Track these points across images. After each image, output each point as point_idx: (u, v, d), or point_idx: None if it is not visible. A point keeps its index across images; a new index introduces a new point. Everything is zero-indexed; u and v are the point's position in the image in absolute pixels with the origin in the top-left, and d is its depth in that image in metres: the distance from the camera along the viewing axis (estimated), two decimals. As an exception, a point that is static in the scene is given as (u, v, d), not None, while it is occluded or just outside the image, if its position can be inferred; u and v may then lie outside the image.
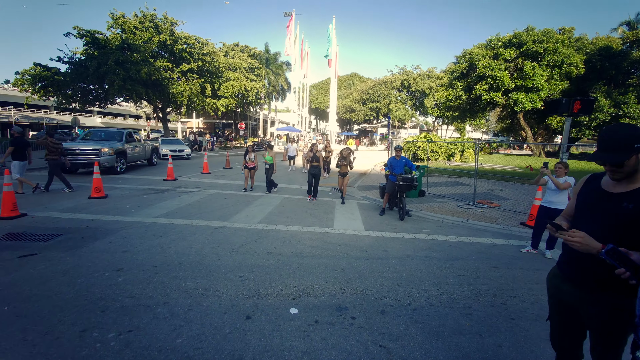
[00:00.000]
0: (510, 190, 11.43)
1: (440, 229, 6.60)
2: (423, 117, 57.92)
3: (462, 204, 8.85)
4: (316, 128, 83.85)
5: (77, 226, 5.70)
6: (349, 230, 6.16)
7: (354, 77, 76.16)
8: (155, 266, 4.09)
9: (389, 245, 5.35)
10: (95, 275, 3.80)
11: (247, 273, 4.02)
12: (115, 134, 13.64)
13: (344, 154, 8.77)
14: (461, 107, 29.32)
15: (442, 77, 45.86)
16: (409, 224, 6.87)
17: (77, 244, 4.79)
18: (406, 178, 7.06)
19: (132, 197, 8.41)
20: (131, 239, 5.11)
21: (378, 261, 4.61)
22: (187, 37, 28.71)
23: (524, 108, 24.78)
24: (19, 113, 40.97)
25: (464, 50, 27.89)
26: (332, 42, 43.47)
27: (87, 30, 22.84)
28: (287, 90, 50.42)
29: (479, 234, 6.37)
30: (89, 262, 4.18)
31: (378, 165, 20.78)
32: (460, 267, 4.55)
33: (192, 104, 29.00)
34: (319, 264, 4.43)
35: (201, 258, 4.43)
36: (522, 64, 24.65)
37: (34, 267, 3.97)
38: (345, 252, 4.98)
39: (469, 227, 6.86)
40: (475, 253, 5.20)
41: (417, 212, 8.04)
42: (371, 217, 7.47)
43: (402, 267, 4.41)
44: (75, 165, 11.55)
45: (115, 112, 59.47)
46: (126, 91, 23.98)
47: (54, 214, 6.46)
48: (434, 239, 5.82)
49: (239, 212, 7.22)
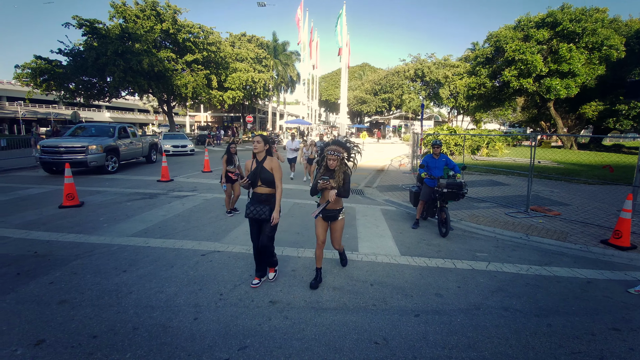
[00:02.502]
0: (563, 191, 9.64)
1: (499, 251, 4.99)
2: (437, 108, 55.39)
3: (511, 212, 7.18)
4: (326, 121, 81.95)
5: (23, 252, 4.33)
6: (380, 256, 4.62)
7: (365, 67, 73.63)
8: (95, 336, 2.65)
9: (441, 284, 3.79)
10: (2, 353, 2.39)
11: (236, 352, 2.54)
12: (107, 129, 12.34)
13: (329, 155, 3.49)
14: (485, 96, 27.04)
15: (459, 65, 43.30)
16: (456, 244, 5.28)
17: (4, 286, 3.40)
18: (453, 184, 5.43)
19: (112, 204, 7.04)
20: (82, 276, 3.69)
21: (434, 318, 3.07)
22: (191, 25, 27.21)
23: (559, 95, 22.45)
24: (26, 108, 40.48)
25: (490, 33, 25.52)
26: (343, 30, 41.37)
27: (87, 20, 21.58)
28: (296, 82, 48.58)
29: (554, 259, 4.74)
30: (3, 323, 2.77)
31: (395, 159, 19.08)
32: (563, 330, 2.97)
33: (197, 97, 27.65)
34: (346, 326, 2.92)
35: (170, 316, 2.97)
36: (557, 46, 22.22)
37: None
38: (382, 297, 3.45)
39: (535, 247, 5.23)
40: (571, 298, 3.60)
41: (458, 222, 6.43)
42: (403, 231, 5.90)
43: (475, 333, 2.86)
44: (58, 165, 10.28)
45: (123, 106, 58.80)
46: (128, 83, 22.73)
47: (5, 231, 5.12)
48: (500, 271, 4.22)
49: (237, 226, 5.75)
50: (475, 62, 27.74)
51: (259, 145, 3.44)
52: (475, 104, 29.85)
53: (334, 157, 3.41)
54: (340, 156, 3.43)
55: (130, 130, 13.27)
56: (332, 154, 3.41)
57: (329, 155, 3.42)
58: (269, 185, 3.44)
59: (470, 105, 32.48)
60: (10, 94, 42.17)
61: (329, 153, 3.42)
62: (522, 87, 23.36)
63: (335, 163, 3.42)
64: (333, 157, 3.41)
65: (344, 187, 3.45)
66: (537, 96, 25.61)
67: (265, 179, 3.41)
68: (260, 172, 3.42)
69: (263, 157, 3.48)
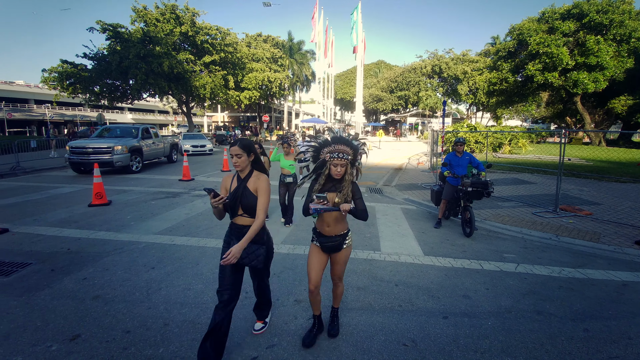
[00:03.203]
0: (594, 190, 9.22)
1: (528, 252, 4.82)
2: (455, 104, 54.13)
3: (539, 211, 6.92)
4: (341, 119, 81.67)
5: (56, 249, 4.52)
6: (403, 256, 4.55)
7: (381, 64, 72.86)
8: (128, 331, 2.72)
9: (468, 286, 3.69)
10: (36, 350, 2.49)
11: (264, 350, 2.56)
12: (130, 130, 12.73)
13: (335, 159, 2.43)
14: (507, 91, 26.16)
15: (478, 60, 42.13)
16: (481, 244, 5.14)
17: (40, 282, 3.55)
18: (478, 182, 5.27)
19: (138, 203, 7.26)
20: (113, 273, 3.81)
21: (464, 321, 2.99)
22: (209, 27, 27.71)
23: (586, 89, 21.47)
24: (54, 111, 42.32)
25: (512, 26, 24.65)
26: (358, 28, 41.05)
27: (110, 24, 22.32)
28: (311, 81, 48.62)
29: (588, 261, 4.54)
30: (39, 319, 2.89)
31: (413, 158, 18.80)
32: (600, 334, 2.84)
33: (215, 97, 28.14)
34: (373, 326, 2.89)
35: (199, 313, 3.02)
36: (584, 38, 21.25)
37: (-40, 328, 2.74)
38: (408, 298, 3.39)
39: (566, 248, 5.02)
40: (607, 302, 3.43)
41: (482, 222, 6.26)
42: (425, 230, 5.80)
43: (507, 338, 2.76)
44: (86, 165, 10.69)
45: (144, 108, 60.59)
46: (149, 85, 23.41)
47: (39, 229, 5.37)
48: (530, 273, 4.07)
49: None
50: (496, 57, 26.89)
51: (239, 160, 2.38)
52: (496, 100, 28.92)
53: (342, 162, 2.37)
54: (349, 159, 2.41)
55: (152, 131, 13.64)
56: (339, 156, 2.36)
57: (334, 159, 2.37)
58: (252, 214, 2.39)
59: (490, 101, 31.45)
60: (38, 97, 44.22)
61: (334, 156, 2.37)
62: (547, 81, 22.47)
63: (343, 170, 2.40)
64: (341, 162, 2.37)
65: (357, 205, 2.42)
66: (563, 91, 24.61)
67: (248, 205, 2.37)
68: (241, 196, 2.37)
69: (248, 173, 2.44)
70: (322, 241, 2.52)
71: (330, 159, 2.40)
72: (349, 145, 2.45)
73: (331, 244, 2.51)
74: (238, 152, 2.37)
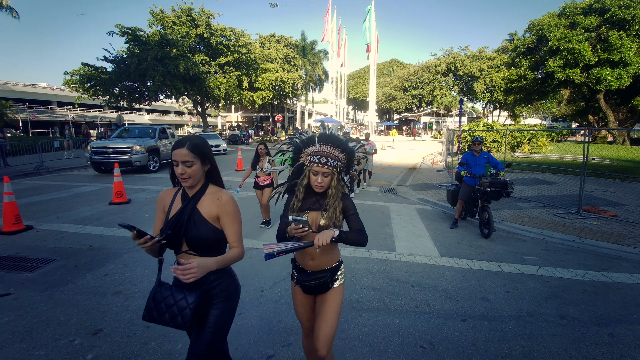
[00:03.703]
0: (618, 190, 8.86)
1: (550, 254, 4.67)
2: (471, 103, 53.07)
3: (560, 212, 6.70)
4: (354, 119, 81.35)
5: (79, 246, 4.67)
6: (419, 257, 4.49)
7: (394, 63, 72.14)
8: (148, 327, 2.78)
9: (487, 288, 3.60)
10: (59, 345, 2.57)
11: (281, 348, 2.57)
12: (148, 130, 13.05)
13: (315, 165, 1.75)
14: (526, 89, 25.44)
15: (495, 57, 41.14)
16: (500, 245, 5.01)
17: (63, 278, 3.67)
18: (497, 182, 5.14)
19: (155, 202, 7.40)
20: (133, 269, 3.91)
21: (483, 324, 2.91)
22: (223, 29, 28.09)
23: (609, 86, 20.66)
24: (75, 112, 43.80)
25: (531, 21, 23.94)
26: (372, 27, 40.78)
27: (128, 28, 22.92)
28: (324, 81, 48.60)
29: (612, 264, 4.36)
30: (62, 314, 2.99)
31: (427, 157, 18.53)
32: (625, 339, 2.72)
33: (229, 98, 28.50)
34: (389, 327, 2.85)
35: (216, 310, 3.06)
36: (607, 33, 20.45)
37: (-9, 321, 2.86)
38: (425, 299, 3.34)
39: (590, 251, 4.84)
40: (632, 306, 3.29)
41: (500, 223, 6.10)
42: (441, 231, 5.70)
43: (530, 342, 2.68)
44: (107, 164, 11.01)
45: (161, 109, 61.93)
46: (166, 87, 23.92)
47: (62, 226, 5.56)
48: (552, 276, 3.94)
49: (273, 224, 5.84)
50: (514, 53, 26.18)
51: (189, 170, 1.55)
52: (514, 98, 28.15)
53: (325, 169, 1.71)
54: (337, 166, 1.75)
55: (169, 132, 13.94)
56: (321, 161, 1.71)
57: (314, 164, 1.72)
58: (205, 252, 1.57)
59: (508, 99, 30.62)
60: (60, 99, 45.82)
61: (314, 160, 1.73)
62: (569, 78, 21.72)
63: (327, 181, 1.74)
64: (323, 169, 1.71)
65: (350, 223, 1.79)
66: (585, 88, 23.75)
67: (197, 238, 1.56)
68: (187, 224, 1.56)
69: (200, 188, 1.63)
70: (302, 279, 1.78)
71: (309, 163, 1.74)
72: (340, 147, 1.81)
73: (314, 282, 1.75)
74: (187, 157, 1.51)
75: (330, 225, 1.71)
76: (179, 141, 1.57)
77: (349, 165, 1.87)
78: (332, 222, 1.72)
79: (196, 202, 1.60)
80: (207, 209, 1.58)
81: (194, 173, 1.56)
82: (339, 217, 1.74)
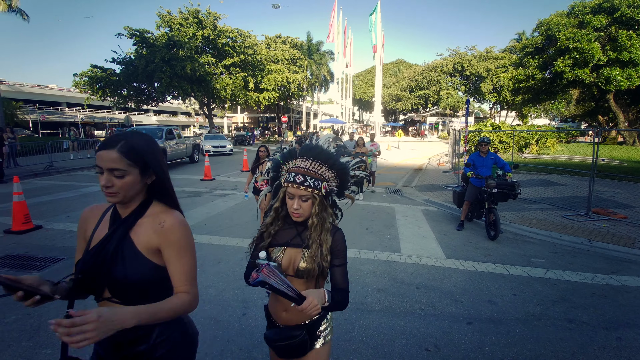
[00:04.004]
0: (628, 192, 8.70)
1: (558, 257, 4.60)
2: (478, 103, 52.60)
3: (569, 214, 6.60)
4: (360, 119, 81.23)
5: (87, 245, 4.73)
6: (424, 258, 4.45)
7: (400, 63, 71.88)
8: (153, 326, 2.81)
9: (493, 291, 3.56)
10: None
11: None
12: (155, 131, 13.18)
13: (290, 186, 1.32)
14: (534, 89, 25.13)
15: (503, 57, 40.74)
16: (507, 247, 4.95)
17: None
18: (504, 184, 5.09)
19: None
20: (140, 269, 3.95)
21: (489, 327, 2.88)
22: (230, 30, 28.29)
23: (619, 86, 20.32)
24: (84, 113, 44.46)
25: (539, 20, 23.67)
26: (378, 27, 40.71)
27: (137, 30, 23.21)
28: (330, 81, 48.64)
29: (622, 267, 4.28)
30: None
31: (433, 158, 18.41)
32: (633, 343, 2.67)
33: (235, 99, 28.68)
34: (394, 329, 2.83)
35: (220, 310, 3.07)
36: (616, 33, 20.14)
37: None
38: (430, 302, 3.31)
39: (599, 253, 4.76)
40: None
41: (507, 224, 6.03)
42: (447, 232, 5.65)
43: (537, 346, 2.64)
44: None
45: (168, 110, 62.53)
46: (173, 88, 24.16)
47: (71, 225, 5.64)
48: (560, 279, 3.88)
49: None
50: (522, 53, 25.89)
51: (120, 183, 1.05)
52: (522, 98, 27.84)
53: (302, 192, 1.30)
54: (319, 187, 1.32)
55: (175, 132, 14.07)
56: (297, 181, 1.31)
57: (289, 184, 1.32)
58: (135, 301, 1.00)
59: (516, 99, 30.31)
60: (69, 100, 46.53)
61: (289, 180, 1.33)
62: (578, 78, 21.41)
63: (307, 207, 1.32)
64: (300, 192, 1.30)
65: (334, 277, 1.37)
66: (595, 87, 23.39)
67: (123, 281, 1.06)
68: (111, 260, 1.06)
69: (137, 208, 1.13)
70: (270, 338, 1.33)
71: (285, 183, 1.33)
72: (327, 162, 1.34)
73: (285, 343, 1.30)
74: (116, 164, 1.03)
75: (314, 268, 1.29)
76: (107, 140, 1.07)
77: (342, 186, 1.43)
78: (315, 265, 1.29)
79: (129, 227, 1.09)
80: (144, 238, 1.08)
81: (126, 187, 1.05)
82: (325, 256, 1.30)
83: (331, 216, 1.41)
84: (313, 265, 1.30)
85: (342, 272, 1.36)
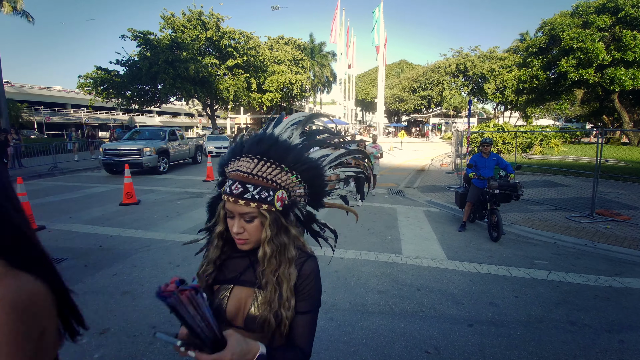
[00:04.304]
0: (633, 193, 8.62)
1: (561, 259, 4.56)
2: (482, 104, 52.39)
3: (573, 215, 6.55)
4: (362, 120, 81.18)
5: (89, 246, 4.76)
6: (426, 260, 4.44)
7: (403, 64, 71.83)
8: (154, 326, 2.82)
9: (495, 293, 3.54)
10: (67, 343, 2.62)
11: None
12: (158, 132, 13.26)
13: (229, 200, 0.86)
14: (538, 89, 25.00)
15: (506, 57, 40.57)
16: (509, 249, 4.92)
17: (73, 277, 3.75)
18: (507, 185, 5.06)
19: (164, 203, 7.53)
20: (142, 269, 3.97)
21: (491, 329, 2.86)
22: (233, 32, 28.38)
23: (624, 87, 20.18)
24: (89, 115, 44.82)
25: (543, 20, 23.56)
26: (380, 28, 40.69)
27: (140, 32, 23.37)
28: (332, 82, 48.73)
29: (626, 269, 4.24)
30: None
31: (436, 159, 18.36)
32: (636, 346, 2.65)
33: (238, 100, 28.77)
34: (394, 331, 2.83)
35: (221, 311, 3.08)
36: (621, 33, 20.00)
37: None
38: (431, 303, 3.30)
39: (603, 255, 4.72)
40: (649, 314, 3.19)
41: (510, 226, 5.99)
42: (449, 234, 5.63)
43: (538, 349, 2.62)
44: (118, 166, 11.21)
45: (171, 111, 62.92)
46: (176, 89, 24.29)
47: (74, 226, 5.68)
48: (563, 281, 3.85)
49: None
50: (526, 53, 25.79)
51: None
52: (525, 99, 27.70)
53: (242, 206, 0.85)
54: (269, 200, 0.87)
55: (178, 133, 14.13)
56: (233, 191, 0.85)
57: (226, 197, 0.87)
58: None
59: (519, 100, 30.17)
60: (74, 102, 46.95)
61: (226, 190, 0.87)
62: (582, 78, 21.29)
63: (253, 228, 0.88)
64: (238, 206, 0.85)
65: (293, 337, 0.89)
66: (599, 88, 23.23)
67: None
68: None
69: None
70: None
71: (223, 195, 0.91)
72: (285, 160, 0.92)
73: None
74: None
75: (269, 318, 0.86)
76: None
77: (319, 194, 1.02)
78: (271, 314, 0.86)
79: None
80: None
81: None
82: (286, 301, 0.87)
83: (296, 239, 0.94)
84: (268, 314, 0.86)
85: (305, 324, 0.90)
